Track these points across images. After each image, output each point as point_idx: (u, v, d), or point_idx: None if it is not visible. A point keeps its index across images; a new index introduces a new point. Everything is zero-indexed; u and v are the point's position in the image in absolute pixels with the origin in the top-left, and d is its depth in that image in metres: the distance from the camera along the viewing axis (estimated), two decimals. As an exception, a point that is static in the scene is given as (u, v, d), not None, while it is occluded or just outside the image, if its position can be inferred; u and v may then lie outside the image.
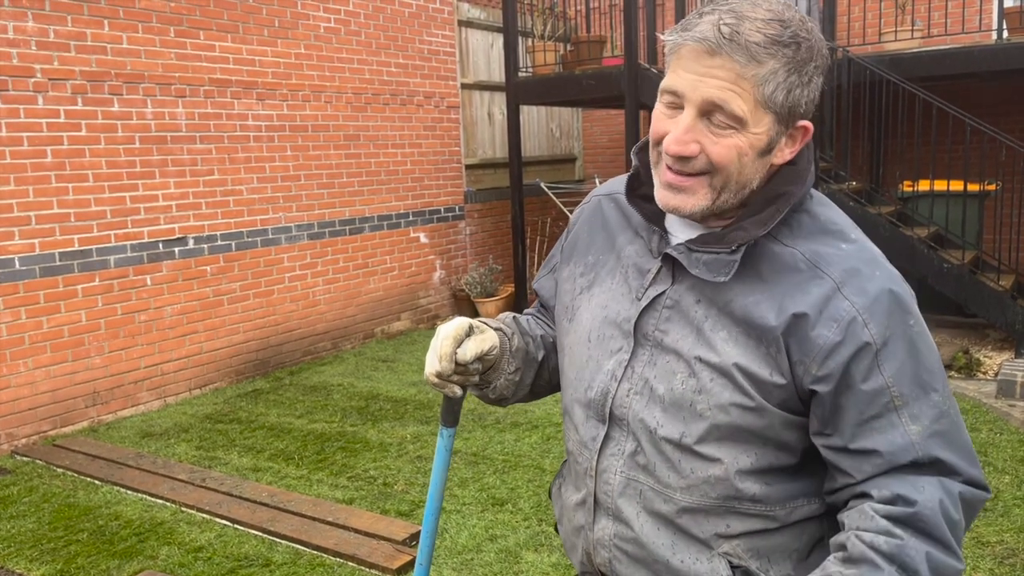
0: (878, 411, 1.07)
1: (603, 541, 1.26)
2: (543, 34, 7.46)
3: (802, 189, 1.14)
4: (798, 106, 1.10)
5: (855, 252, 1.12)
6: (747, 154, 1.09)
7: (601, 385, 1.23)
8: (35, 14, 4.85)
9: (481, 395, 1.40)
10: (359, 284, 7.11)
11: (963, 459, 1.09)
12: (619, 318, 1.23)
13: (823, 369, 1.08)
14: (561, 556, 3.35)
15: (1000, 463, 4.08)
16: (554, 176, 9.15)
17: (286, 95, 6.36)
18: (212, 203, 5.90)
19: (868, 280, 1.09)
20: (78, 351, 5.17)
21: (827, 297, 1.08)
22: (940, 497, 1.06)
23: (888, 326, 1.07)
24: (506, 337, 1.37)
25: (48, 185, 4.97)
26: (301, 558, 3.45)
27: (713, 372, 1.13)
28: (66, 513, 3.94)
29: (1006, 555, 3.25)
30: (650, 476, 1.19)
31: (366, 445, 4.71)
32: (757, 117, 1.07)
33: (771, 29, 1.05)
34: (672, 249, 1.17)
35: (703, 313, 1.15)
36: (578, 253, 1.36)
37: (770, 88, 1.06)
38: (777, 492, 1.16)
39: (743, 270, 1.13)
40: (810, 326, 1.08)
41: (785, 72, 1.07)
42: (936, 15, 6.48)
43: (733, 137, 1.08)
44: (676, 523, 1.18)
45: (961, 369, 5.66)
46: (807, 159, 1.18)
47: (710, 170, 1.10)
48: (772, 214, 1.12)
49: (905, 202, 6.53)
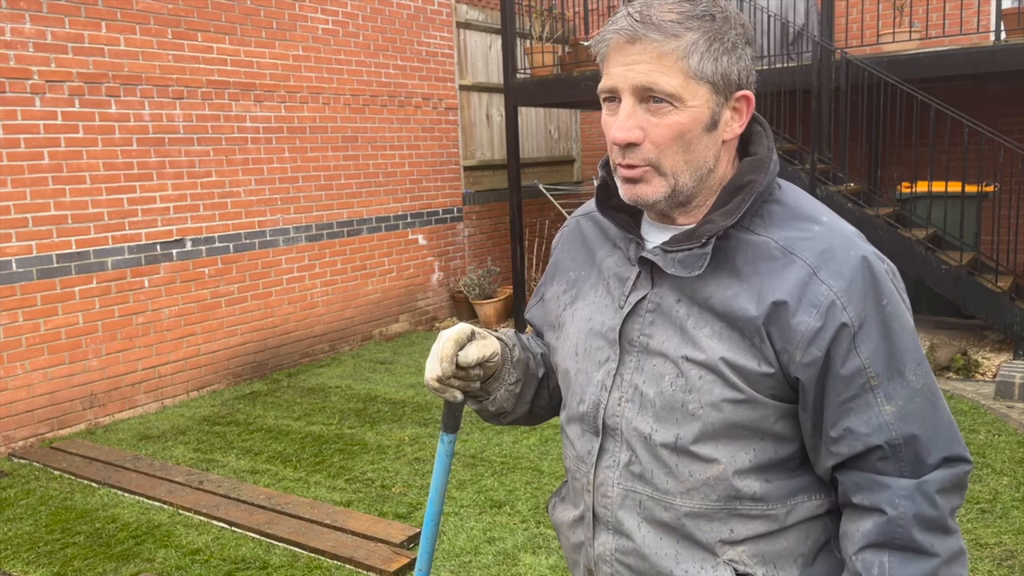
0: (855, 392, 1.09)
1: (604, 556, 1.24)
2: (541, 36, 7.46)
3: (765, 177, 1.15)
4: (730, 74, 1.11)
5: (826, 233, 1.13)
6: (690, 130, 1.11)
7: (592, 397, 1.23)
8: (32, 16, 4.85)
9: (480, 408, 1.39)
10: (357, 286, 7.11)
11: (939, 435, 1.10)
12: (604, 328, 1.23)
13: (807, 356, 1.09)
14: (559, 559, 3.35)
15: (998, 465, 4.08)
16: (552, 178, 9.15)
17: (284, 97, 6.36)
18: (210, 205, 5.89)
19: (843, 262, 1.10)
20: (75, 353, 5.16)
21: (804, 283, 1.09)
22: (914, 512, 1.08)
23: (864, 307, 1.08)
24: (507, 347, 1.36)
25: (45, 187, 4.96)
26: (298, 560, 3.44)
27: (701, 369, 1.13)
28: (63, 516, 3.94)
29: (1004, 557, 3.24)
30: (648, 485, 1.18)
31: (364, 447, 4.70)
32: (691, 90, 1.09)
33: (681, 8, 1.10)
34: (648, 252, 1.18)
35: (685, 312, 1.16)
36: (560, 272, 1.37)
37: (695, 60, 1.09)
38: (777, 489, 1.16)
39: (719, 264, 1.14)
40: (790, 313, 1.09)
41: (706, 42, 1.09)
42: (934, 16, 6.48)
43: (672, 115, 1.10)
44: (679, 531, 1.17)
45: (959, 370, 5.66)
46: (767, 147, 1.18)
47: (656, 158, 1.12)
48: (738, 204, 1.13)
49: (903, 204, 6.53)
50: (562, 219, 8.60)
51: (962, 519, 3.53)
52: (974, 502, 3.69)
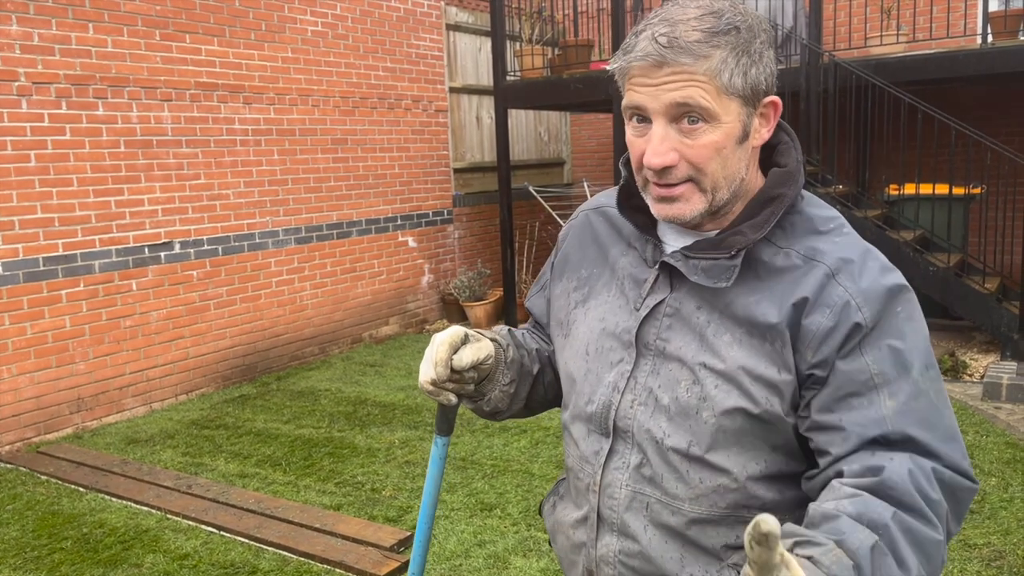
0: (857, 388, 1.06)
1: (607, 558, 1.23)
2: (531, 38, 7.47)
3: (794, 190, 1.15)
4: (759, 84, 1.11)
5: (848, 243, 1.14)
6: (725, 147, 1.10)
7: (603, 398, 1.22)
8: (19, 18, 4.82)
9: (476, 408, 1.39)
10: (347, 289, 7.09)
11: (941, 442, 1.05)
12: (618, 329, 1.22)
13: (818, 355, 1.08)
14: (550, 562, 3.34)
15: (986, 465, 4.10)
16: (542, 180, 9.15)
17: (273, 99, 6.34)
18: (198, 207, 5.86)
19: (861, 267, 1.10)
20: (62, 357, 5.12)
21: (822, 284, 1.09)
22: (909, 467, 1.01)
23: (880, 311, 1.07)
24: (501, 348, 1.36)
25: (32, 190, 4.93)
26: (288, 565, 3.42)
27: (718, 378, 1.12)
28: (50, 521, 3.90)
29: (993, 557, 3.26)
30: (657, 488, 1.17)
31: (354, 450, 4.68)
32: (724, 106, 1.08)
33: (706, 24, 1.07)
34: (668, 257, 1.17)
35: (705, 318, 1.15)
36: (570, 268, 1.36)
37: (726, 76, 1.07)
38: (787, 500, 1.14)
39: (741, 273, 1.13)
40: (806, 313, 1.09)
41: (735, 57, 1.08)
42: (921, 20, 6.52)
43: (708, 134, 1.08)
44: (685, 535, 1.17)
45: (947, 371, 5.69)
46: (796, 160, 1.18)
47: (694, 175, 1.11)
48: (768, 217, 1.13)
49: (891, 206, 6.56)
50: (552, 221, 8.60)
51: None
52: (962, 503, 3.71)
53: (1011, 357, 5.67)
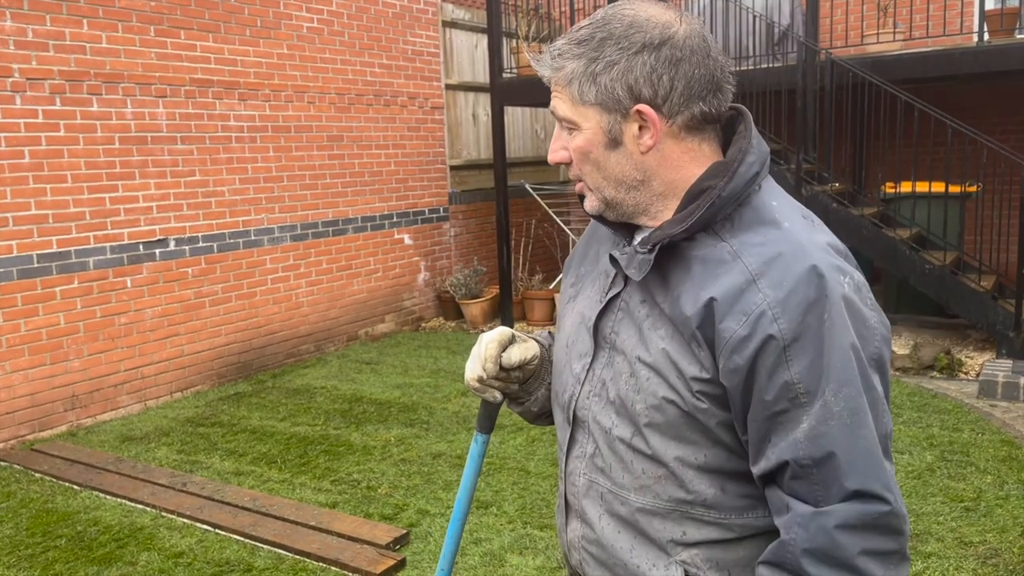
0: (784, 407, 1.04)
1: (574, 543, 1.29)
2: (527, 35, 7.46)
3: (729, 183, 1.10)
4: (613, 91, 1.11)
5: (781, 239, 1.08)
6: (591, 151, 1.15)
7: (569, 388, 1.26)
8: (13, 13, 4.79)
9: (523, 411, 1.43)
10: (342, 286, 7.07)
11: (853, 466, 1.03)
12: (588, 323, 1.25)
13: (730, 363, 1.06)
14: (546, 559, 3.34)
15: (982, 463, 4.10)
16: (539, 177, 9.14)
17: (268, 95, 6.32)
18: (193, 204, 5.84)
19: (787, 270, 1.05)
20: (56, 354, 5.10)
21: (741, 289, 1.06)
22: (806, 543, 1.03)
23: (802, 321, 1.03)
24: (544, 348, 1.41)
25: (26, 186, 4.90)
26: (283, 563, 3.41)
27: (649, 371, 1.14)
28: (44, 519, 3.89)
29: (989, 555, 3.26)
30: (607, 478, 1.21)
31: (349, 448, 4.67)
32: (581, 114, 1.14)
33: (571, 35, 1.14)
34: (615, 251, 1.20)
35: (645, 312, 1.17)
36: (573, 266, 1.40)
37: (575, 86, 1.13)
38: (732, 500, 1.14)
39: (678, 268, 1.13)
40: (719, 317, 1.07)
41: (583, 67, 1.12)
42: (918, 17, 6.51)
43: (576, 138, 1.16)
44: (635, 526, 1.19)
45: (943, 369, 5.69)
46: (739, 149, 1.13)
47: (581, 176, 1.19)
48: (691, 211, 1.11)
49: (887, 204, 6.56)
50: (549, 219, 8.59)
51: (946, 518, 3.55)
52: (958, 501, 3.71)
53: (1007, 355, 5.68)
